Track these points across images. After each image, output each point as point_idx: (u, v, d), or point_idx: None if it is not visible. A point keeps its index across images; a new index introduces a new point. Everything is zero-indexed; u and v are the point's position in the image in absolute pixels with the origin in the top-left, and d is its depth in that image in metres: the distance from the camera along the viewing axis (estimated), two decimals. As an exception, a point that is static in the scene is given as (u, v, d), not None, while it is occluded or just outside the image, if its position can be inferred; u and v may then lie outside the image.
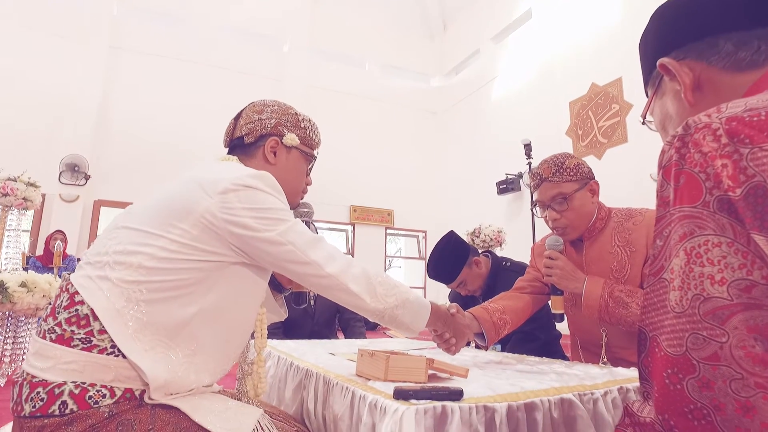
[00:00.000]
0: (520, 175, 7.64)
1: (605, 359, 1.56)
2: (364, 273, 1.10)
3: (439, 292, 8.60)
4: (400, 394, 0.87)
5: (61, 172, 7.37)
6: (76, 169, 7.36)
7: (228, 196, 0.99)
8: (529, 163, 6.74)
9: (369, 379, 1.08)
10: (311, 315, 2.82)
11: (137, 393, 0.90)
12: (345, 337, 2.97)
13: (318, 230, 2.77)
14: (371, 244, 9.69)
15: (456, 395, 0.87)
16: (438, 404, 0.84)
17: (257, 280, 1.09)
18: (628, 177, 5.84)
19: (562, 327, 1.93)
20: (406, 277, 10.62)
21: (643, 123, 0.78)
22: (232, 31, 9.39)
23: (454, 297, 2.83)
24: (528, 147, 6.75)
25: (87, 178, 7.51)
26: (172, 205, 1.00)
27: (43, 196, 7.50)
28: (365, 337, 2.81)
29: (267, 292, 1.31)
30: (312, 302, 2.81)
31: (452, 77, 10.76)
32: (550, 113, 7.47)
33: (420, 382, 1.06)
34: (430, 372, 1.12)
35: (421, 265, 10.21)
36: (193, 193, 1.00)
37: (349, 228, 9.69)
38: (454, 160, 10.00)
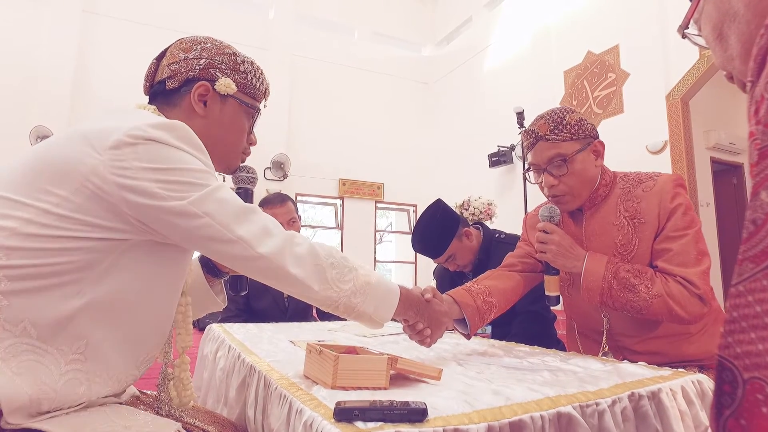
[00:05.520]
0: (513, 147, 7.37)
1: (606, 348, 1.35)
2: (310, 252, 0.86)
3: (430, 268, 8.43)
4: (342, 414, 0.65)
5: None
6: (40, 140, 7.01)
7: (122, 151, 0.74)
8: (521, 132, 6.49)
9: (316, 383, 0.86)
10: (283, 309, 2.42)
11: None
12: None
13: (297, 204, 2.49)
14: (361, 218, 9.47)
15: (417, 415, 0.65)
16: (391, 429, 0.62)
17: (174, 262, 0.85)
18: (624, 150, 5.60)
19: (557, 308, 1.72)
20: (398, 252, 10.41)
21: (684, 36, 0.53)
22: (214, -5, 8.95)
23: (440, 273, 2.62)
24: (520, 115, 6.48)
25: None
26: (47, 163, 0.75)
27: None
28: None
29: (197, 277, 1.08)
30: (285, 296, 2.41)
31: (444, 46, 10.39)
32: (544, 83, 7.18)
33: (380, 388, 0.84)
34: (394, 373, 0.90)
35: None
36: (76, 148, 0.75)
37: (338, 202, 9.43)
38: (446, 132, 9.72)
